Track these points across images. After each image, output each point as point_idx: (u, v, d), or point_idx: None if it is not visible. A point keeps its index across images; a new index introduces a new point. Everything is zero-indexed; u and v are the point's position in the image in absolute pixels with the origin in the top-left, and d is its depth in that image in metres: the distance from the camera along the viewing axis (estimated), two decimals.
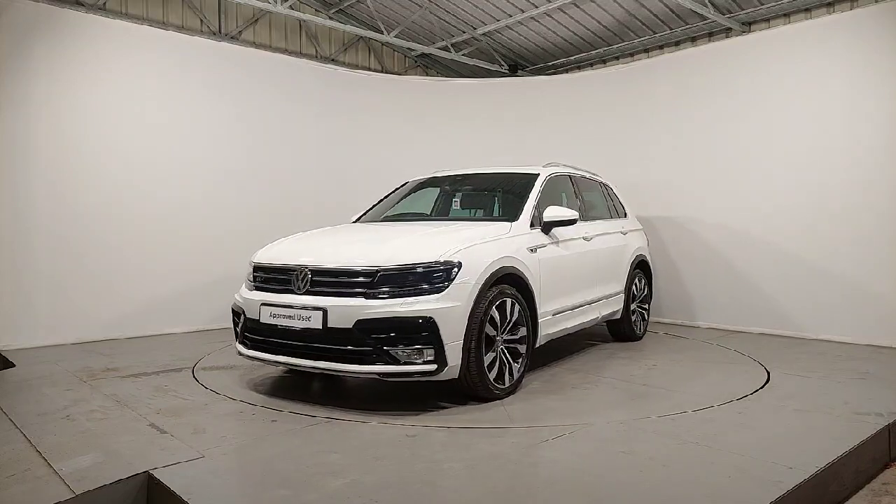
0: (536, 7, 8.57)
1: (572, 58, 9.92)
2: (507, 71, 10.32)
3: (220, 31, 8.75)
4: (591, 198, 5.92)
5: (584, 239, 5.18)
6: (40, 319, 5.87)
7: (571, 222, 4.69)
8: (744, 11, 7.88)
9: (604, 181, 6.31)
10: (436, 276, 3.72)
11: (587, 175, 6.00)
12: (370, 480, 2.71)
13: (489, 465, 2.90)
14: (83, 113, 6.16)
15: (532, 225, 4.62)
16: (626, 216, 6.34)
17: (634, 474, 2.78)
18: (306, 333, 3.77)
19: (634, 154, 7.53)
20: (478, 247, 4.01)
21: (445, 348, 3.63)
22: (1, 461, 2.93)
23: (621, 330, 6.00)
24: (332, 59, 9.77)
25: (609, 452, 3.05)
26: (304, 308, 3.79)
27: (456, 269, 3.77)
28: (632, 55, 9.38)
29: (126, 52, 6.45)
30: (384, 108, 8.32)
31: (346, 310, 3.66)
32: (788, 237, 6.41)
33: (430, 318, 3.60)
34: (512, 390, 4.12)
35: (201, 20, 8.64)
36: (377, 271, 3.72)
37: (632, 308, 6.01)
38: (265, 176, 7.33)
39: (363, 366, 3.65)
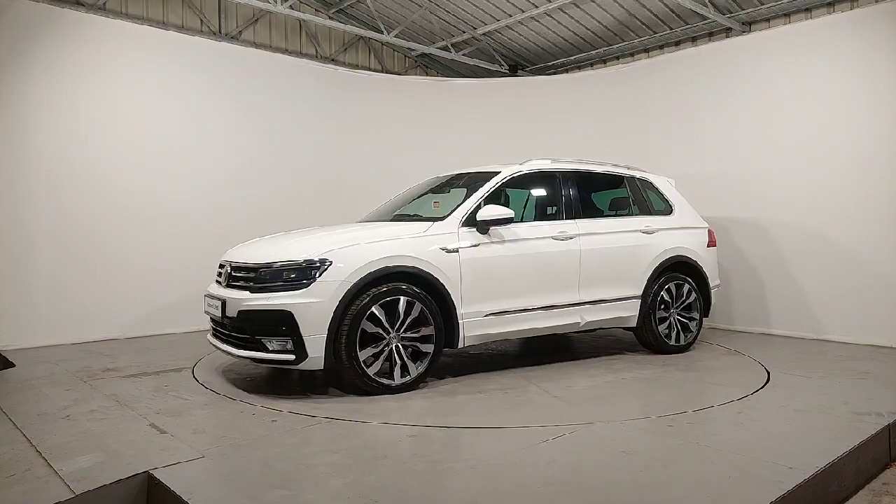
0: (536, 7, 8.57)
1: (572, 58, 9.92)
2: (507, 71, 10.31)
3: (220, 31, 8.75)
4: (597, 195, 5.65)
5: (555, 238, 4.88)
6: (40, 319, 5.87)
7: (504, 221, 4.55)
8: (744, 11, 7.88)
9: (637, 175, 5.76)
10: (299, 274, 4.00)
11: (598, 170, 5.54)
12: (370, 480, 2.71)
13: (489, 465, 2.89)
14: (83, 113, 6.16)
15: (469, 224, 4.55)
16: (671, 213, 5.69)
17: (634, 474, 2.78)
18: (216, 320, 4.38)
19: (633, 154, 7.48)
20: (359, 247, 4.15)
21: (305, 340, 3.90)
22: (1, 461, 2.93)
23: (643, 338, 5.41)
24: (332, 59, 9.77)
25: (609, 452, 3.05)
26: (215, 298, 4.34)
27: (322, 268, 3.99)
28: (632, 55, 9.37)
29: (126, 52, 6.45)
30: (384, 108, 8.31)
31: (235, 301, 4.12)
32: (787, 238, 6.41)
33: (289, 311, 3.90)
34: (408, 387, 4.14)
35: (201, 20, 8.64)
36: (258, 268, 4.14)
37: (662, 315, 5.35)
38: (265, 175, 7.33)
39: (242, 351, 4.11)
